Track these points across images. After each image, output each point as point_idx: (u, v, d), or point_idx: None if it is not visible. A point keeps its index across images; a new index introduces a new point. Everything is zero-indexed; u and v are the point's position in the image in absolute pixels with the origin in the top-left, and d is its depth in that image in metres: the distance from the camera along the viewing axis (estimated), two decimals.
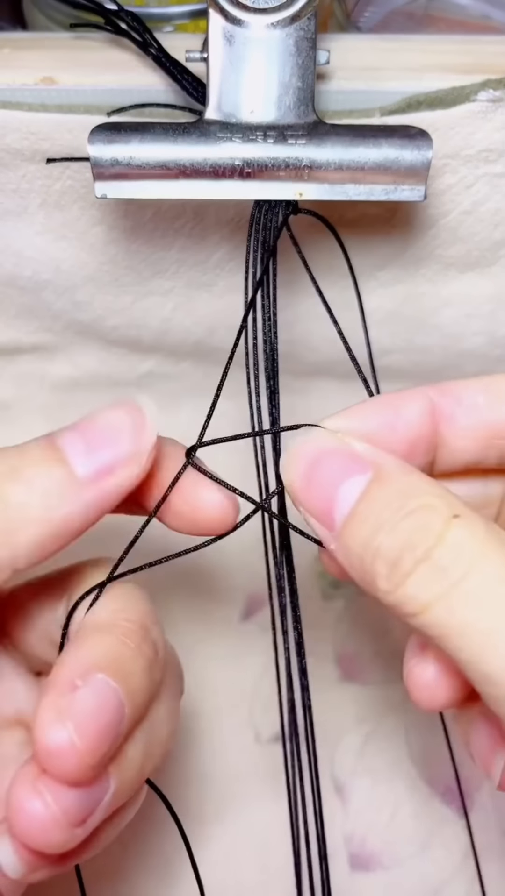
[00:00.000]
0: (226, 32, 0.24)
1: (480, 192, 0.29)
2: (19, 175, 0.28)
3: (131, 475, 0.20)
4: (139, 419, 0.20)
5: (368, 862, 0.31)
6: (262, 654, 0.35)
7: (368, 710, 0.33)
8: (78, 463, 0.20)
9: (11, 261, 0.32)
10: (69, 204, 0.29)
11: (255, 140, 0.24)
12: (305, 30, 0.24)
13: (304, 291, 0.34)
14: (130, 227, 0.30)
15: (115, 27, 0.27)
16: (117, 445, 0.20)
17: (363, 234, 0.31)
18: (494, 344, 0.35)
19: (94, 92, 0.27)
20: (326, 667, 0.34)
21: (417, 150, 0.24)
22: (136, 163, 0.24)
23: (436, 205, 0.29)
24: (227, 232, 0.31)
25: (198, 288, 0.33)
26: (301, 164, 0.24)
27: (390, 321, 0.34)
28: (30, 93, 0.27)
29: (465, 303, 0.33)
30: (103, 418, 0.20)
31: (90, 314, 0.34)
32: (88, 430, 0.20)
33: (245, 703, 0.34)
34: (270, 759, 0.33)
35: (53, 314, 0.35)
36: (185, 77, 0.26)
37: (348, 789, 0.32)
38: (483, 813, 0.32)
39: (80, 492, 0.19)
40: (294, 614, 0.25)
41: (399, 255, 0.32)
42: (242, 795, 0.32)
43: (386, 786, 0.32)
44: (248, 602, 0.36)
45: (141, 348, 0.36)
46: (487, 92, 0.26)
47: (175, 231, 0.31)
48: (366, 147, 0.24)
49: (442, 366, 0.37)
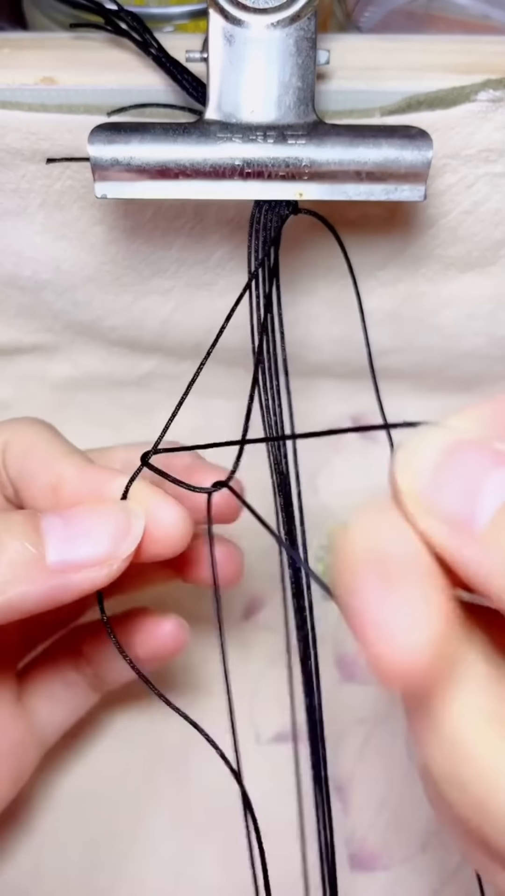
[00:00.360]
0: (226, 32, 0.24)
1: (480, 192, 0.29)
2: (19, 175, 0.28)
3: (98, 577, 0.20)
4: (124, 526, 0.20)
5: (368, 862, 0.31)
6: (262, 654, 0.35)
7: (368, 710, 0.33)
8: (51, 548, 0.20)
9: (11, 260, 0.32)
10: (69, 204, 0.29)
11: (255, 140, 0.24)
12: (305, 30, 0.24)
13: (304, 291, 0.34)
14: (130, 227, 0.30)
15: (115, 27, 0.27)
16: (94, 546, 0.20)
17: (363, 233, 0.31)
18: (495, 344, 0.35)
19: (95, 92, 0.27)
20: (326, 667, 0.34)
21: (417, 150, 0.24)
22: (137, 163, 0.24)
23: (436, 205, 0.29)
24: (227, 231, 0.31)
25: (198, 287, 0.33)
26: (301, 164, 0.24)
27: (390, 321, 0.34)
28: (30, 93, 0.27)
29: (465, 303, 0.33)
30: (90, 514, 0.21)
31: (90, 314, 0.34)
32: (73, 520, 0.20)
33: (245, 703, 0.34)
34: (271, 760, 0.33)
35: (54, 314, 0.35)
36: (186, 77, 0.26)
37: (348, 789, 0.32)
38: None
39: (43, 576, 0.19)
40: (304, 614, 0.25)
41: (399, 255, 0.32)
42: None
43: (386, 786, 0.32)
44: (249, 602, 0.36)
45: (141, 348, 0.36)
46: (488, 92, 0.26)
47: (175, 231, 0.31)
48: (366, 147, 0.24)
49: (442, 366, 0.37)
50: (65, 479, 0.22)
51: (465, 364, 0.37)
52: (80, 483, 0.22)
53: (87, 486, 0.22)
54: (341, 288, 0.32)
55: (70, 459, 0.23)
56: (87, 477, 0.22)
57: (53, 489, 0.22)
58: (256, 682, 0.34)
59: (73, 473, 0.22)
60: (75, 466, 0.22)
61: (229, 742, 0.33)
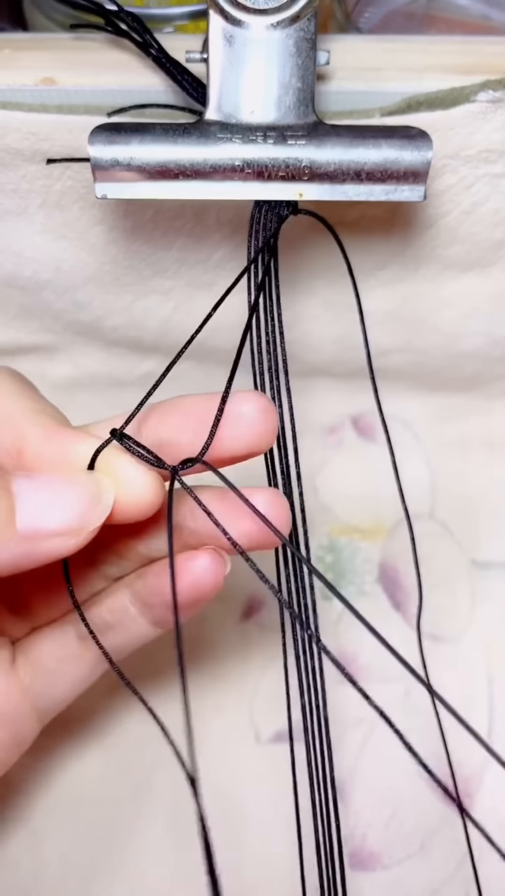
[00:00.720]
0: (226, 33, 0.24)
1: (480, 193, 0.29)
2: (20, 175, 0.28)
3: (65, 545, 0.20)
4: (95, 496, 0.20)
5: (368, 861, 0.31)
6: (262, 653, 0.35)
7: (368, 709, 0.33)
8: (22, 514, 0.19)
9: (12, 261, 0.32)
10: (69, 204, 0.29)
11: (255, 140, 0.24)
12: (304, 30, 0.24)
13: (304, 291, 0.34)
14: (131, 227, 0.30)
15: (115, 28, 0.27)
16: (65, 514, 0.19)
17: (363, 234, 0.31)
18: (494, 344, 0.35)
19: (95, 92, 0.27)
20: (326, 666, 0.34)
21: (416, 150, 0.24)
22: (137, 163, 0.24)
23: (436, 205, 0.29)
24: (227, 232, 0.31)
25: (198, 288, 0.33)
26: (301, 164, 0.24)
27: (390, 321, 0.34)
28: (30, 93, 0.27)
29: (465, 303, 0.33)
30: (64, 482, 0.20)
31: (91, 314, 0.34)
32: (45, 486, 0.20)
33: (245, 703, 0.34)
34: (271, 760, 0.33)
35: (54, 314, 0.35)
36: (186, 78, 0.26)
37: (348, 788, 0.32)
38: (483, 812, 0.32)
39: (10, 542, 0.19)
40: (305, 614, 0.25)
41: (399, 256, 0.32)
42: (243, 796, 0.32)
43: (386, 785, 0.32)
44: (249, 602, 0.36)
45: (141, 348, 0.36)
46: (487, 92, 0.26)
47: (175, 231, 0.31)
48: (366, 147, 0.24)
49: (442, 366, 0.37)
50: (28, 440, 0.21)
51: (465, 364, 0.37)
52: (44, 446, 0.21)
53: (52, 450, 0.21)
54: (341, 288, 0.32)
55: (37, 419, 0.21)
56: (54, 440, 0.21)
57: (17, 450, 0.21)
58: (256, 682, 0.34)
59: (38, 434, 0.21)
60: (42, 427, 0.21)
61: (229, 741, 0.33)
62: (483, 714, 0.33)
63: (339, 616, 0.36)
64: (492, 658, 0.35)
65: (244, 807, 0.32)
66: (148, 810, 0.32)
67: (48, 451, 0.21)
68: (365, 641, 0.35)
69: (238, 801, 0.32)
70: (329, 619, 0.36)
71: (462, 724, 0.19)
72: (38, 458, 0.21)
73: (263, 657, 0.35)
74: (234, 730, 0.33)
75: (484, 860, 0.31)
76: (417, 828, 0.31)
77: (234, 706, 0.34)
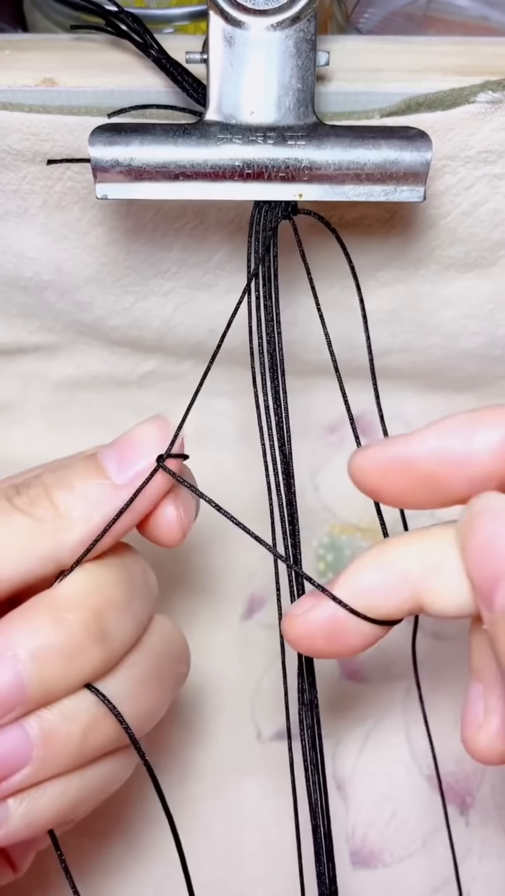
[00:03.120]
0: (226, 34, 0.24)
1: (480, 193, 0.29)
2: (20, 176, 0.29)
3: (161, 482, 0.22)
4: (164, 431, 0.23)
5: (370, 859, 0.31)
6: (263, 652, 0.35)
7: (369, 707, 0.34)
8: (113, 473, 0.22)
9: (12, 261, 0.32)
10: (70, 205, 0.30)
11: (255, 141, 0.24)
12: (304, 31, 0.24)
13: (304, 292, 0.34)
14: (131, 228, 0.31)
15: (115, 29, 0.27)
16: (147, 456, 0.22)
17: (363, 234, 0.31)
18: (494, 344, 0.35)
19: (95, 93, 0.27)
20: (326, 665, 0.34)
21: (416, 151, 0.24)
22: (137, 164, 0.24)
23: (435, 205, 0.29)
24: (227, 232, 0.31)
25: (199, 288, 0.33)
26: (301, 165, 0.24)
27: (390, 321, 0.34)
28: (30, 94, 0.27)
29: (464, 303, 0.33)
30: (134, 434, 0.23)
31: (91, 314, 0.34)
32: (122, 445, 0.23)
33: (246, 701, 0.34)
34: (272, 758, 0.33)
35: (55, 314, 0.35)
36: (186, 78, 0.26)
37: (349, 787, 0.32)
38: (483, 811, 0.32)
39: (117, 497, 0.22)
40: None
41: (399, 256, 0.32)
42: (243, 794, 0.32)
43: (387, 783, 0.32)
44: (250, 601, 0.36)
45: (142, 348, 0.37)
46: (487, 93, 0.26)
47: (176, 231, 0.31)
48: (365, 148, 0.24)
49: (442, 366, 0.37)
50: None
51: (465, 364, 0.37)
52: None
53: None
54: (341, 288, 0.32)
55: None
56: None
57: None
58: (258, 681, 0.34)
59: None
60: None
61: (230, 739, 0.33)
62: None
63: None
64: None
65: (245, 805, 0.32)
66: (149, 811, 0.32)
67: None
68: None
69: (239, 800, 0.32)
70: None
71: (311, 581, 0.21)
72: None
73: (263, 656, 0.35)
74: (236, 728, 0.33)
75: (484, 859, 0.31)
76: (418, 826, 0.32)
77: (235, 704, 0.34)
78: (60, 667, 0.20)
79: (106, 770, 0.22)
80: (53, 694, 0.20)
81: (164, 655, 0.24)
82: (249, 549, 0.37)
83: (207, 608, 0.36)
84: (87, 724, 0.21)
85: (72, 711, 0.21)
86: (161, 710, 0.24)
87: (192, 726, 0.33)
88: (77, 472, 0.22)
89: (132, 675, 0.22)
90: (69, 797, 0.21)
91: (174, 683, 0.25)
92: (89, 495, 0.22)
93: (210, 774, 0.33)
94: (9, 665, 0.19)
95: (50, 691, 0.20)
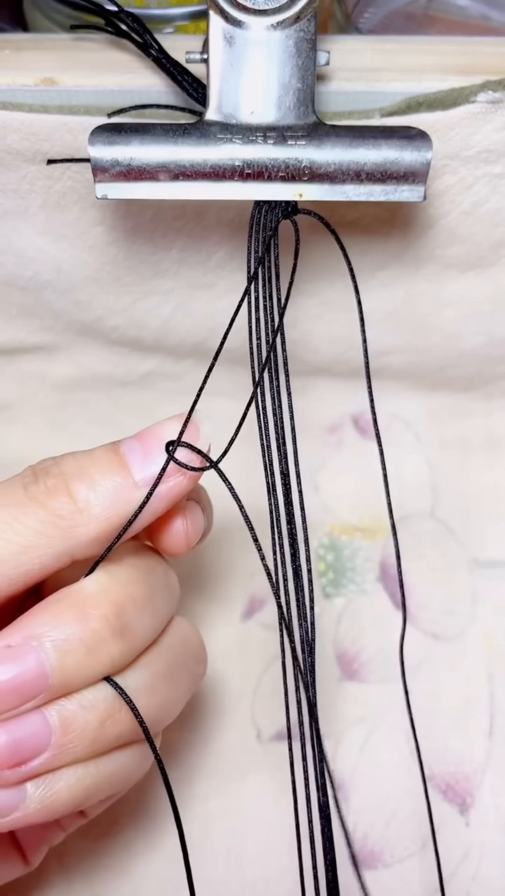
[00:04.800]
0: (226, 34, 0.24)
1: (480, 193, 0.29)
2: (20, 176, 0.29)
3: (182, 482, 0.22)
4: (193, 432, 0.22)
5: (370, 859, 0.31)
6: (263, 652, 0.35)
7: (369, 708, 0.34)
8: (136, 469, 0.22)
9: (12, 261, 0.32)
10: (70, 205, 0.30)
11: (255, 141, 0.24)
12: (304, 31, 0.24)
13: (304, 292, 0.34)
14: (131, 228, 0.31)
15: (115, 28, 0.27)
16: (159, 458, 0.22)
17: (363, 234, 0.31)
18: (494, 344, 0.35)
19: (95, 93, 0.27)
20: (327, 665, 0.34)
21: (416, 150, 0.24)
22: (137, 164, 0.24)
23: (435, 205, 0.29)
24: (227, 232, 0.31)
25: (199, 288, 0.33)
26: (301, 164, 0.24)
27: (390, 321, 0.34)
28: (30, 94, 0.27)
29: (464, 303, 0.33)
30: (161, 428, 0.23)
31: (91, 314, 0.34)
32: (147, 439, 0.22)
33: (246, 701, 0.34)
34: (272, 758, 0.33)
35: (55, 314, 0.35)
36: (186, 78, 0.26)
37: (349, 787, 0.32)
38: (483, 811, 0.32)
39: (136, 495, 0.22)
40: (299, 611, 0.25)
41: (399, 256, 0.32)
42: (244, 794, 0.32)
43: (387, 784, 0.32)
44: (250, 601, 0.36)
45: (142, 348, 0.37)
46: (487, 93, 0.26)
47: (176, 231, 0.31)
48: (366, 148, 0.24)
49: (442, 366, 0.37)
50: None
51: (465, 364, 0.37)
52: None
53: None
54: (341, 288, 0.32)
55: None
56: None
57: None
58: (258, 681, 0.34)
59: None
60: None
61: (230, 739, 0.33)
62: (484, 713, 0.34)
63: (339, 616, 0.36)
64: (492, 657, 0.35)
65: (246, 805, 0.32)
66: (150, 810, 0.32)
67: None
68: (366, 641, 0.35)
69: (239, 800, 0.32)
70: (329, 618, 0.36)
71: None
72: None
73: (263, 656, 0.35)
74: (236, 728, 0.33)
75: (485, 858, 0.31)
76: (418, 826, 0.32)
77: (235, 704, 0.34)
78: (82, 659, 0.20)
79: (121, 762, 0.22)
80: (74, 684, 0.21)
81: (181, 654, 0.24)
82: (249, 549, 0.37)
83: (207, 608, 0.36)
84: (103, 714, 0.21)
85: (90, 702, 0.21)
86: (177, 708, 0.24)
87: (192, 726, 0.33)
88: (99, 464, 0.22)
89: (150, 671, 0.23)
90: (84, 785, 0.21)
91: (190, 683, 0.25)
92: (110, 491, 0.21)
93: (210, 774, 0.33)
94: (34, 655, 0.20)
95: (71, 682, 0.20)
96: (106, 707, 0.21)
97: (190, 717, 0.33)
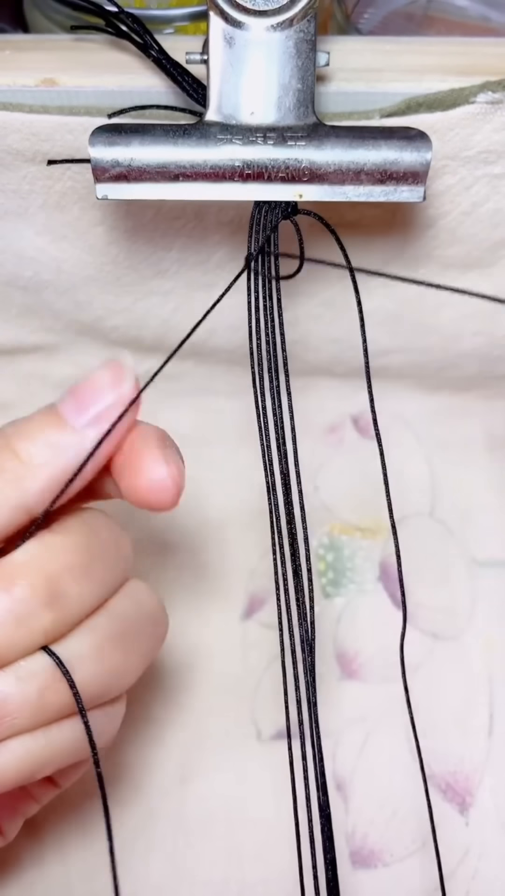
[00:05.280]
0: (226, 34, 0.24)
1: (480, 193, 0.29)
2: (20, 176, 0.29)
3: (120, 422, 0.23)
4: (119, 373, 0.24)
5: (370, 859, 0.31)
6: (263, 652, 0.35)
7: (369, 708, 0.34)
8: (72, 419, 0.23)
9: (12, 261, 0.32)
10: (70, 205, 0.30)
11: (255, 142, 0.24)
12: (304, 32, 0.24)
13: (304, 292, 0.34)
14: (131, 228, 0.31)
15: (115, 29, 0.27)
16: (102, 399, 0.23)
17: (363, 234, 0.31)
18: (494, 344, 0.35)
19: (95, 93, 0.27)
20: (327, 665, 0.35)
21: (416, 151, 0.24)
22: (137, 164, 0.24)
23: (435, 206, 0.29)
24: (227, 232, 0.31)
25: (198, 288, 0.33)
26: (301, 165, 0.24)
27: (390, 321, 0.34)
28: (31, 94, 0.27)
29: (464, 303, 0.33)
30: (89, 380, 0.23)
31: (91, 314, 0.35)
32: (78, 391, 0.23)
33: (246, 701, 0.34)
34: (272, 758, 0.33)
35: (55, 314, 0.35)
36: (186, 79, 0.26)
37: (349, 787, 0.32)
38: (483, 811, 0.32)
39: (77, 440, 0.22)
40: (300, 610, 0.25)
41: (399, 256, 0.32)
42: (244, 794, 0.32)
43: (387, 783, 0.32)
44: (250, 601, 0.36)
45: (142, 348, 0.37)
46: (487, 94, 0.26)
47: (176, 231, 0.31)
48: (365, 148, 0.24)
49: (442, 366, 0.37)
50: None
51: (465, 364, 0.37)
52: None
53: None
54: (341, 288, 0.32)
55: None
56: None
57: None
58: (258, 681, 0.34)
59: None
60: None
61: (230, 739, 0.33)
62: (483, 712, 0.34)
63: (339, 615, 0.36)
64: (492, 656, 0.35)
65: (246, 805, 0.32)
66: (150, 809, 0.32)
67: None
68: (366, 641, 0.35)
69: (240, 799, 0.32)
70: (329, 618, 0.36)
71: None
72: None
73: (263, 656, 0.35)
74: (236, 728, 0.33)
75: (485, 858, 0.31)
76: (418, 826, 0.32)
77: (235, 704, 0.34)
78: (11, 631, 0.20)
79: (77, 729, 0.22)
80: (7, 656, 0.21)
81: (134, 618, 0.24)
82: (249, 549, 0.37)
83: (207, 608, 0.36)
84: (42, 684, 0.21)
85: (27, 672, 0.21)
86: (134, 671, 0.24)
87: (192, 726, 0.33)
88: (37, 421, 0.23)
89: (96, 636, 0.22)
90: (34, 755, 0.21)
91: (148, 646, 0.25)
92: (50, 441, 0.22)
93: (210, 774, 0.33)
94: None
95: (3, 654, 0.21)
96: (45, 677, 0.21)
97: (189, 716, 0.34)
